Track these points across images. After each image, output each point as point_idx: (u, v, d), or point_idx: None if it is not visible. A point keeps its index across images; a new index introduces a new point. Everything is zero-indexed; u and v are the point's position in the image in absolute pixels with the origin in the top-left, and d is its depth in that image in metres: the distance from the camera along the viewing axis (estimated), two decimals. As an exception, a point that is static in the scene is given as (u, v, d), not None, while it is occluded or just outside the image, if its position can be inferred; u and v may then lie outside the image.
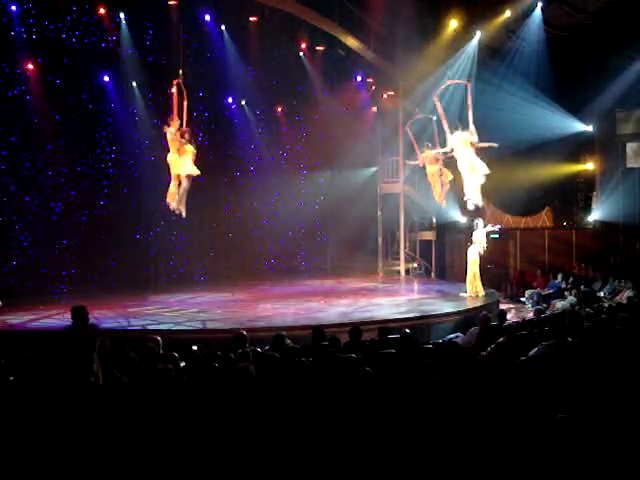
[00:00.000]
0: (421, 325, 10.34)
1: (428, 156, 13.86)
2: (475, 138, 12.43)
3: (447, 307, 12.05)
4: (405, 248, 19.18)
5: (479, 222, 14.12)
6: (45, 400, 4.27)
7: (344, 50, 17.18)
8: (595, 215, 17.60)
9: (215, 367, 5.09)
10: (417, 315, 11.18)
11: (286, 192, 18.79)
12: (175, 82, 11.72)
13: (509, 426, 3.79)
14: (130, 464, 3.49)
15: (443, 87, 13.43)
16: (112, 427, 3.75)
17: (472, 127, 12.45)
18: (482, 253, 13.86)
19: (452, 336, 9.06)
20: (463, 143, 12.47)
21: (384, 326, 8.50)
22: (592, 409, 3.92)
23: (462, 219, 18.65)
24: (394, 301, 13.15)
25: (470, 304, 12.81)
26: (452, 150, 12.82)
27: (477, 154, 12.55)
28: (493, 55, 16.44)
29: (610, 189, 17.20)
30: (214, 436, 3.78)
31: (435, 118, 13.74)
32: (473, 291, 13.65)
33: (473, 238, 14.00)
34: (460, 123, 12.73)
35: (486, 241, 13.92)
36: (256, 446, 3.64)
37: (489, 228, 14.23)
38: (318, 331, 7.08)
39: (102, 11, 14.38)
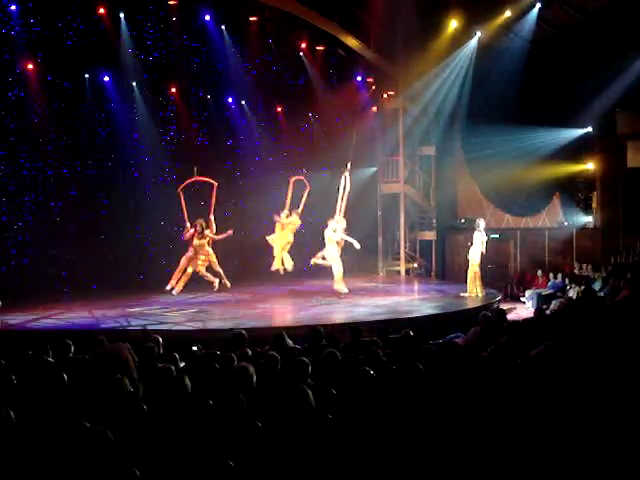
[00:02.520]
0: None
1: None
2: (337, 233, 13.15)
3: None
4: (405, 248, 19.17)
5: (480, 222, 14.08)
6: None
7: (344, 50, 17.18)
8: (595, 215, 17.62)
9: (215, 367, 5.09)
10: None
11: (286, 192, 18.75)
12: (193, 179, 12.59)
13: (511, 426, 3.78)
14: (130, 464, 3.49)
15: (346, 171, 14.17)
16: (112, 427, 3.74)
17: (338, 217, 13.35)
18: (484, 252, 13.85)
19: (452, 336, 9.06)
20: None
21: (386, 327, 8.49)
22: (594, 409, 3.92)
23: (462, 220, 18.68)
24: (381, 301, 13.11)
25: (470, 304, 12.81)
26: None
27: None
28: (489, 55, 16.44)
29: (610, 189, 17.22)
30: (213, 436, 3.78)
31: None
32: (473, 291, 13.66)
33: (473, 238, 13.98)
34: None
35: (484, 246, 13.87)
36: (256, 446, 3.64)
37: (475, 255, 14.04)
38: (317, 332, 7.07)
39: (102, 11, 14.35)
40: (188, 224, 12.42)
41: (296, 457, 3.55)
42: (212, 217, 12.75)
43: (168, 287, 12.44)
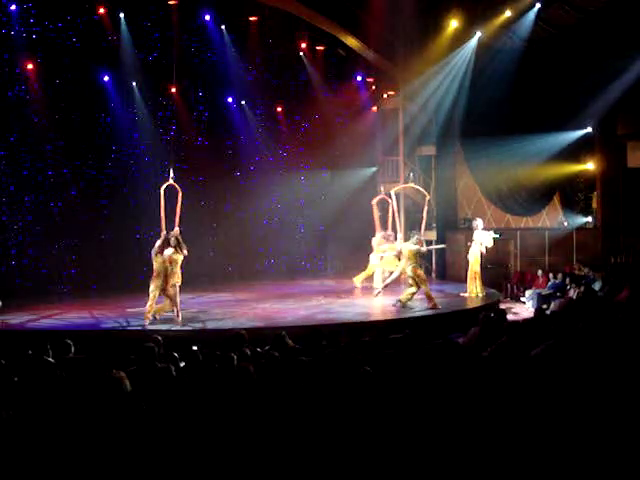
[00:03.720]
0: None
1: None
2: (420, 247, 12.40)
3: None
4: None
5: (479, 222, 14.11)
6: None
7: (344, 50, 17.18)
8: (595, 215, 17.61)
9: (215, 367, 5.09)
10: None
11: (286, 192, 18.79)
12: (168, 184, 11.01)
13: (511, 426, 3.78)
14: (130, 464, 3.49)
15: (402, 187, 14.12)
16: (112, 426, 3.74)
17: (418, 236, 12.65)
18: (484, 253, 13.85)
19: (452, 336, 9.05)
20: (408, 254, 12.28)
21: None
22: (594, 409, 3.92)
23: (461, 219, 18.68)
24: (381, 301, 13.10)
25: (470, 304, 12.80)
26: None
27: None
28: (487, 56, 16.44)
29: (610, 189, 17.21)
30: (214, 436, 3.78)
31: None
32: (473, 291, 13.65)
33: (473, 238, 14.01)
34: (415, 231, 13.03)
35: (490, 242, 13.88)
36: (256, 446, 3.64)
37: (492, 234, 14.05)
38: (317, 331, 7.06)
39: (102, 11, 14.38)
40: (164, 232, 10.74)
41: (296, 456, 3.55)
42: (178, 229, 10.98)
43: (147, 322, 10.43)
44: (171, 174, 11.16)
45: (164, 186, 11.12)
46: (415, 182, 14.92)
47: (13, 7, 13.56)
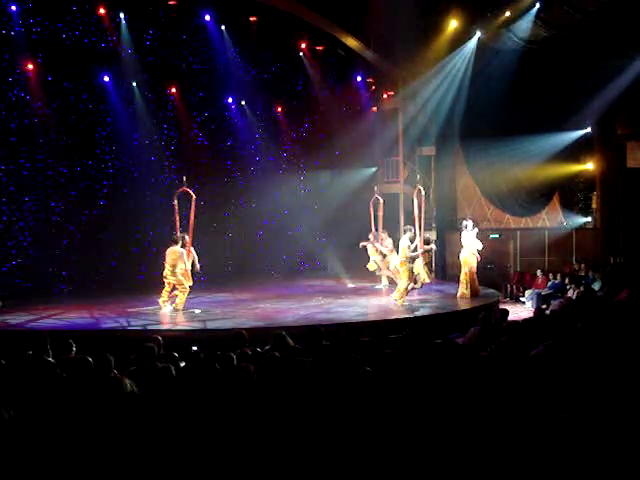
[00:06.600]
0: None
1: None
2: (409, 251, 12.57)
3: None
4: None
5: (468, 223, 13.77)
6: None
7: (344, 50, 17.18)
8: (595, 215, 17.63)
9: (215, 367, 5.09)
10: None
11: (286, 192, 18.79)
12: (181, 190, 11.96)
13: (510, 426, 3.79)
14: (130, 464, 3.49)
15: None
16: (112, 427, 3.75)
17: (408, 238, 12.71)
18: (478, 258, 13.48)
19: (452, 336, 9.05)
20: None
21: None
22: (593, 409, 3.93)
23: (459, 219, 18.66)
24: (381, 301, 13.18)
25: (469, 304, 12.77)
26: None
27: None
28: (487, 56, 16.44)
29: (610, 189, 17.22)
30: (214, 436, 3.78)
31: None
32: (464, 292, 13.28)
33: (462, 241, 13.65)
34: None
35: (479, 245, 13.59)
36: (256, 446, 3.65)
37: (478, 243, 13.62)
38: (317, 331, 7.07)
39: (102, 11, 14.37)
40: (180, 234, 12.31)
41: (296, 456, 3.55)
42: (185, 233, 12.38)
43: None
44: (184, 179, 12.01)
45: (177, 192, 12.01)
46: (416, 181, 14.81)
47: (13, 7, 13.56)
